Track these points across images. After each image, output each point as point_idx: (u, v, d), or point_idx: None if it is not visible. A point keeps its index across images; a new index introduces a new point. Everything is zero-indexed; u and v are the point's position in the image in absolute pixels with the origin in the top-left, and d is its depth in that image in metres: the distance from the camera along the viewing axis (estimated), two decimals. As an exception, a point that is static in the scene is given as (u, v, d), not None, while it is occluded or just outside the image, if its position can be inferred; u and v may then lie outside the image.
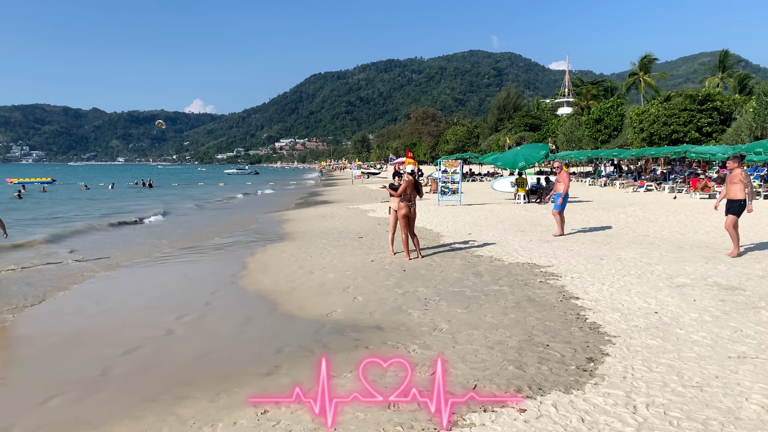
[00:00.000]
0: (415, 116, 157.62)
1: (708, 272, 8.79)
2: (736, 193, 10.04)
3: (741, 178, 9.96)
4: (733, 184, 10.08)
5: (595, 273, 8.92)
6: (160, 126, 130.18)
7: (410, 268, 9.77)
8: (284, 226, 18.08)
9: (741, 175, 9.99)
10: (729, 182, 10.19)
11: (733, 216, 10.03)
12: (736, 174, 10.06)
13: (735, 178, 10.04)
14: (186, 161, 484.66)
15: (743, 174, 10.02)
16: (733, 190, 10.09)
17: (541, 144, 25.40)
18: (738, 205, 10.02)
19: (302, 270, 10.18)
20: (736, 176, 10.04)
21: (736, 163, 10.20)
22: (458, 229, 15.02)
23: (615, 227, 14.66)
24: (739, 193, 9.99)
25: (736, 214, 10.02)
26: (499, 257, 10.66)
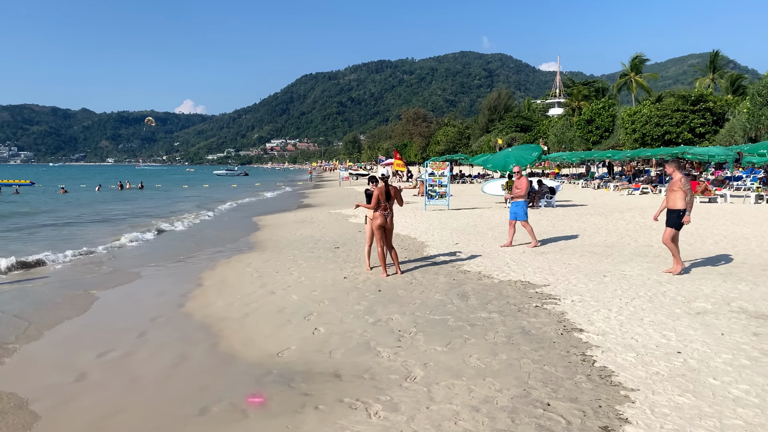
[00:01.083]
0: (406, 117, 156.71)
1: (729, 293, 7.59)
2: (675, 202, 8.80)
3: (680, 185, 8.73)
4: (672, 192, 8.85)
5: (599, 295, 7.69)
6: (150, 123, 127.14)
7: (387, 288, 8.51)
8: (257, 233, 16.76)
9: (681, 182, 8.76)
10: (668, 190, 8.95)
11: (671, 229, 8.82)
12: (675, 181, 8.84)
13: (674, 185, 8.81)
14: (176, 162, 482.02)
15: (683, 181, 8.78)
16: (672, 198, 8.85)
17: (533, 145, 24.24)
18: (676, 216, 8.78)
19: (263, 289, 8.89)
20: (675, 183, 8.81)
21: (674, 167, 9.05)
22: (444, 238, 13.78)
23: (615, 236, 13.47)
24: (679, 202, 8.73)
25: (674, 227, 8.80)
26: (488, 273, 9.42)
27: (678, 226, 8.78)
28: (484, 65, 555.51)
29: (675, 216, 8.81)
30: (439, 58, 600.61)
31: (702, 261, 10.06)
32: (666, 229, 8.92)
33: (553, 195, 21.56)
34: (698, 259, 10.21)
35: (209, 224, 20.16)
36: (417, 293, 8.11)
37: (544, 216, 18.32)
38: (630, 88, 77.00)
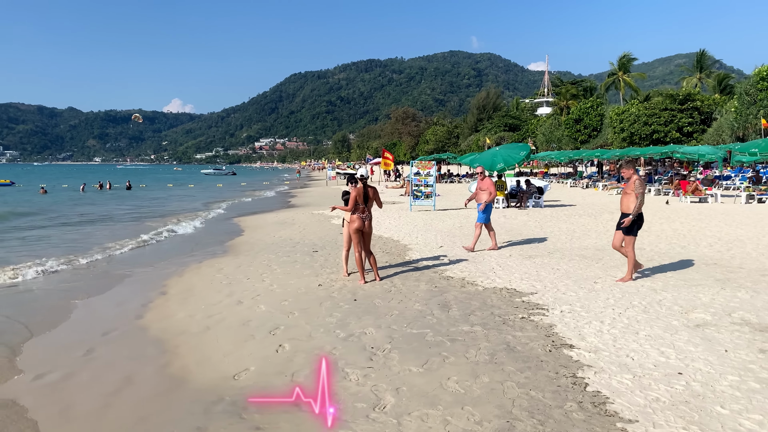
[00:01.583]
0: (395, 116, 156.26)
1: (729, 302, 7.06)
2: (628, 205, 8.20)
3: (634, 187, 8.11)
4: (626, 195, 8.25)
5: (590, 304, 7.14)
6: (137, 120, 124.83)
7: (363, 296, 7.91)
8: (234, 235, 16.09)
9: (635, 184, 8.14)
10: (623, 192, 8.38)
11: (622, 233, 8.23)
12: (630, 183, 8.24)
13: (629, 188, 8.22)
14: (164, 161, 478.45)
15: (637, 183, 8.16)
16: (625, 202, 8.26)
17: (521, 144, 23.74)
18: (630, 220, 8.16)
19: (230, 298, 8.26)
20: (630, 186, 8.22)
21: (630, 169, 8.45)
22: (429, 240, 13.20)
23: (605, 238, 12.96)
24: (632, 205, 8.12)
25: (630, 232, 8.20)
26: (472, 280, 8.85)
27: (630, 230, 8.20)
28: (473, 65, 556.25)
29: None
30: (428, 58, 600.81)
31: (697, 265, 9.56)
32: (616, 232, 8.38)
33: (542, 195, 21.07)
34: (693, 263, 9.71)
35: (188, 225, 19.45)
36: (395, 303, 7.52)
37: (532, 216, 17.81)
38: (618, 87, 76.95)
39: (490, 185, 11.61)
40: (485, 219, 11.53)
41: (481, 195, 11.54)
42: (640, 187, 8.14)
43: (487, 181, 11.71)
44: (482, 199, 11.48)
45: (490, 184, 11.62)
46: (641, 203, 8.10)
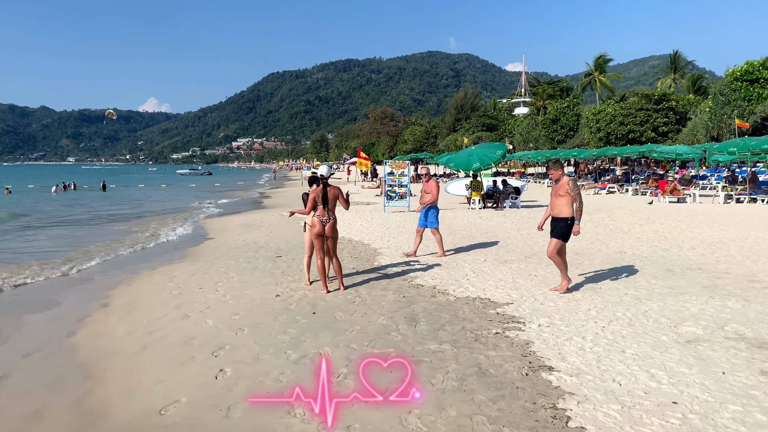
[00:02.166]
0: (373, 116, 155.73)
1: (720, 313, 6.50)
2: (561, 209, 7.55)
3: (568, 189, 7.49)
4: (558, 197, 7.59)
5: (570, 316, 6.52)
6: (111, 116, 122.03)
7: (324, 309, 7.19)
8: (197, 238, 15.23)
9: (568, 185, 7.51)
10: (553, 194, 7.69)
11: (557, 240, 7.58)
12: (562, 184, 7.58)
13: (560, 190, 7.55)
14: (140, 161, 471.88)
15: (570, 184, 7.52)
16: (557, 205, 7.58)
17: (497, 143, 23.24)
18: (564, 225, 7.54)
19: (177, 311, 7.47)
20: (561, 187, 7.55)
21: (559, 170, 7.78)
22: (400, 244, 12.52)
23: (584, 241, 12.42)
24: (565, 209, 7.50)
25: (561, 237, 7.57)
26: (444, 288, 8.18)
27: (565, 236, 7.55)
28: (451, 65, 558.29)
29: (562, 225, 7.55)
30: (406, 58, 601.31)
31: (682, 270, 9.03)
32: (551, 240, 7.63)
33: (519, 195, 20.55)
34: (677, 268, 9.18)
35: (148, 227, 18.49)
36: (358, 316, 6.81)
37: (509, 218, 17.26)
38: (594, 87, 77.33)
39: (434, 187, 10.84)
40: (435, 223, 10.78)
41: (425, 197, 10.81)
42: (576, 188, 7.55)
43: (431, 183, 10.92)
44: (425, 201, 10.75)
45: (434, 186, 10.84)
46: (581, 205, 7.55)
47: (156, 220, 21.62)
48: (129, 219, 22.31)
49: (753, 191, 20.96)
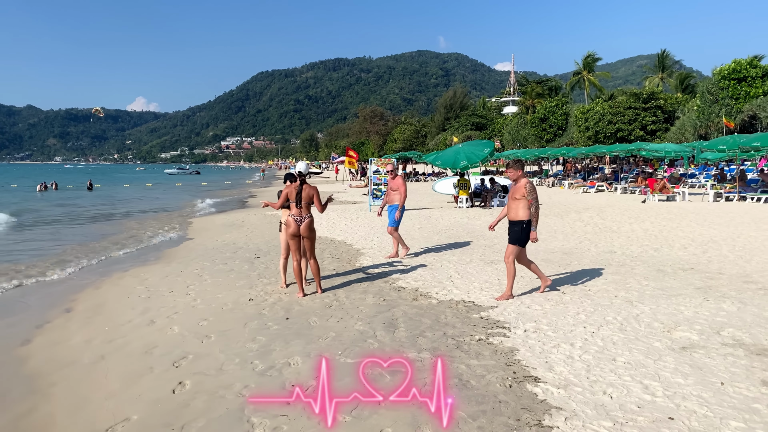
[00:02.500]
0: (363, 115, 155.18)
1: (715, 317, 6.17)
2: (517, 211, 7.01)
3: (524, 192, 6.96)
4: (514, 201, 7.06)
5: (558, 321, 6.16)
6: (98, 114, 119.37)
7: (298, 314, 6.78)
8: (175, 238, 14.75)
9: (525, 188, 6.97)
10: (510, 196, 7.20)
11: (513, 246, 7.05)
12: (519, 186, 7.04)
13: (517, 192, 7.02)
14: (128, 161, 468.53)
15: (528, 187, 6.97)
16: (513, 208, 7.06)
17: (485, 141, 22.89)
18: (519, 229, 6.99)
19: (143, 317, 7.03)
20: (518, 189, 7.01)
21: (518, 170, 7.13)
22: (384, 244, 12.12)
23: (572, 240, 12.10)
24: (521, 212, 6.96)
25: (517, 242, 7.02)
26: (426, 290, 7.80)
27: (521, 241, 7.03)
28: (440, 64, 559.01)
29: (517, 230, 7.02)
30: (396, 57, 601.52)
31: (673, 271, 8.70)
32: (507, 246, 7.14)
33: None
34: (669, 269, 8.86)
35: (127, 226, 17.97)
36: (334, 321, 6.42)
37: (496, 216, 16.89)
38: (583, 86, 77.36)
39: (401, 184, 10.23)
40: (396, 222, 10.19)
41: (393, 196, 10.28)
42: (533, 191, 6.99)
43: (398, 180, 10.31)
44: (394, 200, 10.24)
45: (401, 184, 10.24)
46: (537, 210, 7.03)
47: (136, 220, 21.09)
48: (108, 219, 21.75)
49: (743, 189, 20.78)
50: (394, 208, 10.25)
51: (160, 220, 20.75)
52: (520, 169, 7.20)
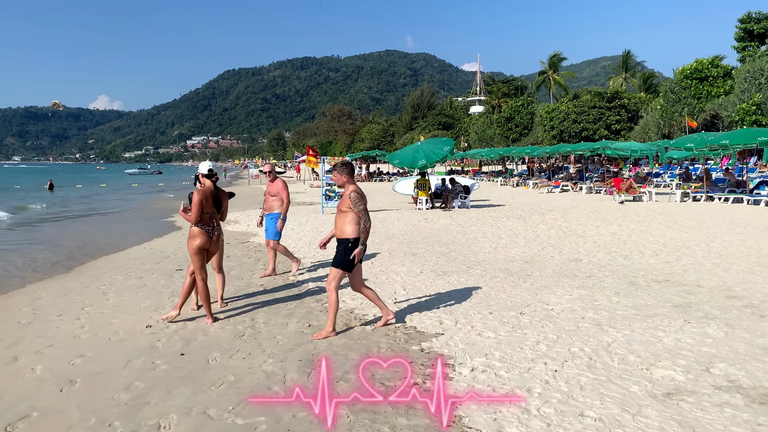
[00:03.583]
0: (330, 114, 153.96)
1: (701, 345, 5.12)
2: (343, 227, 5.55)
3: (350, 203, 5.52)
4: (340, 213, 5.60)
5: (514, 355, 5.02)
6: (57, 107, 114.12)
7: (198, 347, 5.51)
8: (100, 245, 13.22)
9: (350, 197, 5.52)
10: (337, 209, 5.70)
11: (336, 269, 5.57)
12: (344, 198, 5.59)
13: (343, 204, 5.59)
14: (90, 160, 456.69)
15: (353, 196, 5.50)
16: (339, 222, 5.60)
17: (445, 139, 21.83)
18: (343, 249, 5.53)
19: (6, 353, 5.62)
20: (344, 200, 5.59)
21: (343, 175, 5.69)
22: (329, 251, 10.84)
23: (535, 246, 11.07)
24: (348, 228, 5.51)
25: (339, 265, 5.54)
26: (363, 311, 6.61)
27: (347, 264, 5.52)
28: (408, 64, 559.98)
29: (341, 249, 5.55)
30: (364, 56, 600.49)
31: (647, 283, 7.70)
32: (331, 269, 5.69)
33: (468, 194, 19.20)
34: (641, 281, 7.85)
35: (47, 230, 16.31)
36: (239, 358, 5.16)
37: (456, 219, 15.84)
38: (548, 86, 77.44)
39: (282, 189, 8.57)
40: (276, 235, 8.54)
41: (272, 203, 8.60)
42: (360, 202, 5.49)
43: (277, 183, 8.55)
44: (274, 208, 8.56)
45: (281, 188, 8.59)
46: (366, 226, 5.49)
47: (66, 223, 19.37)
48: (38, 224, 19.97)
49: (710, 189, 20.20)
50: (274, 217, 8.58)
51: (89, 224, 19.09)
52: (345, 173, 5.66)
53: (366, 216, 5.56)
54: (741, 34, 49.16)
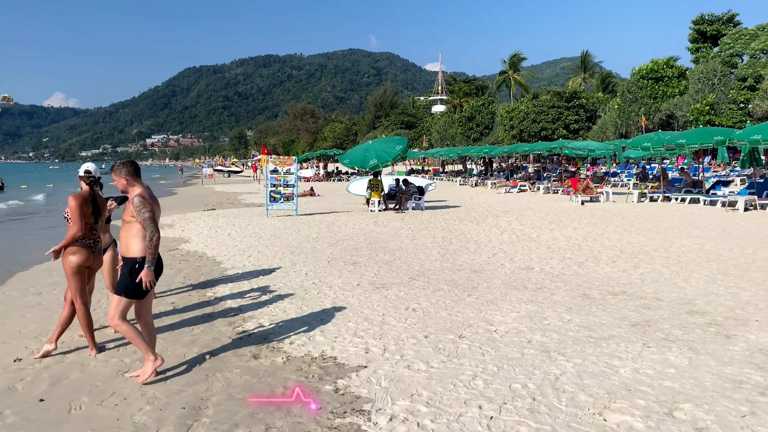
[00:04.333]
0: (293, 112, 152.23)
1: (663, 379, 4.37)
2: (128, 242, 4.52)
3: (132, 211, 4.48)
4: (124, 224, 4.56)
5: (444, 396, 4.18)
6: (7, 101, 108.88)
7: (66, 390, 4.50)
8: (10, 255, 11.93)
9: (134, 204, 4.46)
10: (123, 220, 4.62)
11: (120, 298, 4.53)
12: (128, 206, 4.59)
13: (126, 213, 4.55)
14: (45, 159, 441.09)
15: (137, 201, 4.43)
16: (123, 236, 4.56)
17: (397, 137, 21.06)
18: (128, 271, 4.49)
19: None
20: (128, 209, 4.56)
21: (122, 178, 4.58)
22: (261, 260, 9.91)
23: (485, 252, 10.32)
24: (134, 243, 4.49)
25: (124, 292, 4.51)
26: (280, 337, 5.68)
27: (132, 290, 4.47)
28: (372, 63, 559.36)
29: (125, 272, 4.52)
30: (328, 55, 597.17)
31: (602, 296, 6.99)
32: (111, 297, 4.96)
33: (422, 195, 18.43)
34: (596, 293, 7.15)
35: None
36: (110, 406, 4.18)
37: (408, 222, 15.04)
38: (509, 85, 77.71)
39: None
40: None
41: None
42: (144, 209, 4.40)
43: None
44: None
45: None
46: (153, 239, 4.38)
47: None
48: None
49: (666, 189, 19.93)
50: None
51: (15, 230, 17.62)
52: (124, 175, 4.54)
53: (153, 227, 4.39)
54: (694, 35, 49.96)
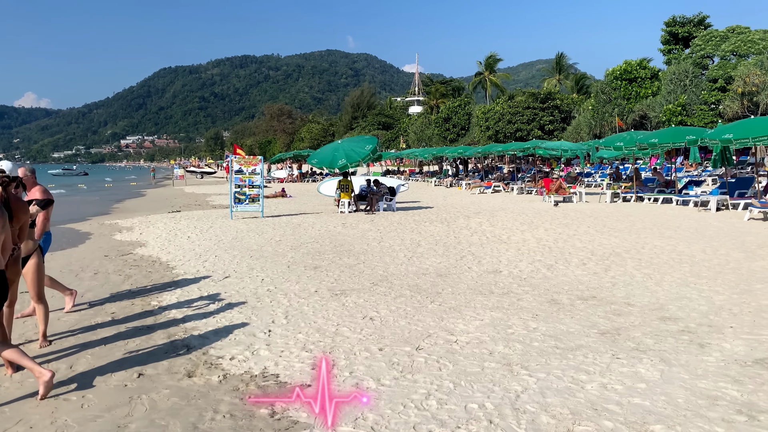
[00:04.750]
0: (269, 113, 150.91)
1: (632, 395, 4.00)
2: None
3: None
4: None
5: (392, 419, 3.74)
6: None
7: (-32, 415, 3.97)
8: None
9: None
10: None
11: None
12: None
13: None
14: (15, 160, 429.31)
15: None
16: None
17: (367, 137, 20.65)
18: None
19: None
20: None
21: None
22: (218, 265, 9.38)
23: (453, 255, 9.94)
24: None
25: None
26: (220, 353, 5.20)
27: None
28: (350, 64, 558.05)
29: None
30: (305, 56, 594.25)
31: (570, 302, 6.64)
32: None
33: (394, 196, 18.03)
34: (564, 298, 6.80)
35: None
36: (11, 435, 3.67)
37: (377, 223, 14.61)
38: (485, 86, 77.90)
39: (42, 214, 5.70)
40: None
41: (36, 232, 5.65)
42: None
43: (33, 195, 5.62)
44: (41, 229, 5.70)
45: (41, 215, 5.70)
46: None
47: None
48: None
49: (639, 189, 19.83)
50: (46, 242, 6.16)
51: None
52: None
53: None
54: (667, 37, 50.47)
